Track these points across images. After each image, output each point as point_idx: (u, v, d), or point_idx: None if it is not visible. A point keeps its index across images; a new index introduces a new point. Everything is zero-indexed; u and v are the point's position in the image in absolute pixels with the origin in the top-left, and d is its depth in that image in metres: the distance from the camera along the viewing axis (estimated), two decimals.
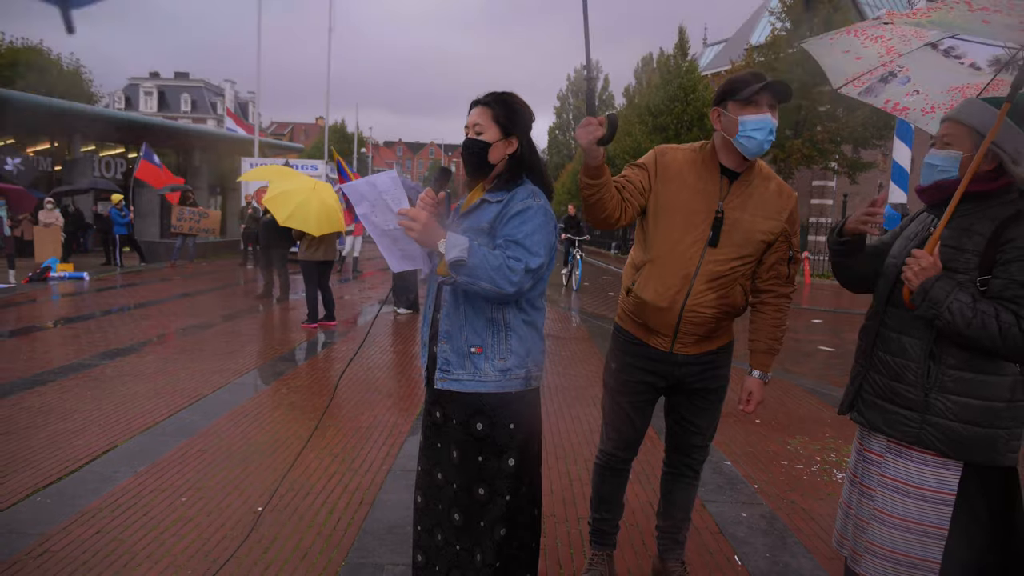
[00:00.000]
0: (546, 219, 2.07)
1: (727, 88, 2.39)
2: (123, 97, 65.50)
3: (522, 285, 1.99)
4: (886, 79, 2.60)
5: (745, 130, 2.33)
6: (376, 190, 2.12)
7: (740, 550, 3.29)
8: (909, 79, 2.58)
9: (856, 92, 2.68)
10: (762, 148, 2.35)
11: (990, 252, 1.96)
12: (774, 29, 23.04)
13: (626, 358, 2.67)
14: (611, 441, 2.77)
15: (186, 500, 3.62)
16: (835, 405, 6.00)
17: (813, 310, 13.93)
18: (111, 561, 2.97)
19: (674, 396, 2.72)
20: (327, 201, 8.51)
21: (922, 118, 2.65)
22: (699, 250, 2.44)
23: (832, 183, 30.05)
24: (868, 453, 2.17)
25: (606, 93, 52.33)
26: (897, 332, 2.09)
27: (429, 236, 2.00)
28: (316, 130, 67.56)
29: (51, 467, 3.99)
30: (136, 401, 5.40)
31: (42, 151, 21.97)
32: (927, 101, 2.62)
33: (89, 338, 7.95)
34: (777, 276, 2.56)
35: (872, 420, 2.13)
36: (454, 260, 1.94)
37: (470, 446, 2.13)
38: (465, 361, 2.10)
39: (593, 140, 2.09)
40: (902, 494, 2.04)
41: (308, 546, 3.18)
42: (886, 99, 2.65)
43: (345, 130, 54.66)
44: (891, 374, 2.09)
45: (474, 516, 2.13)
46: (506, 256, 1.98)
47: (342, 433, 4.82)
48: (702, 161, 2.48)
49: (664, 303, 2.48)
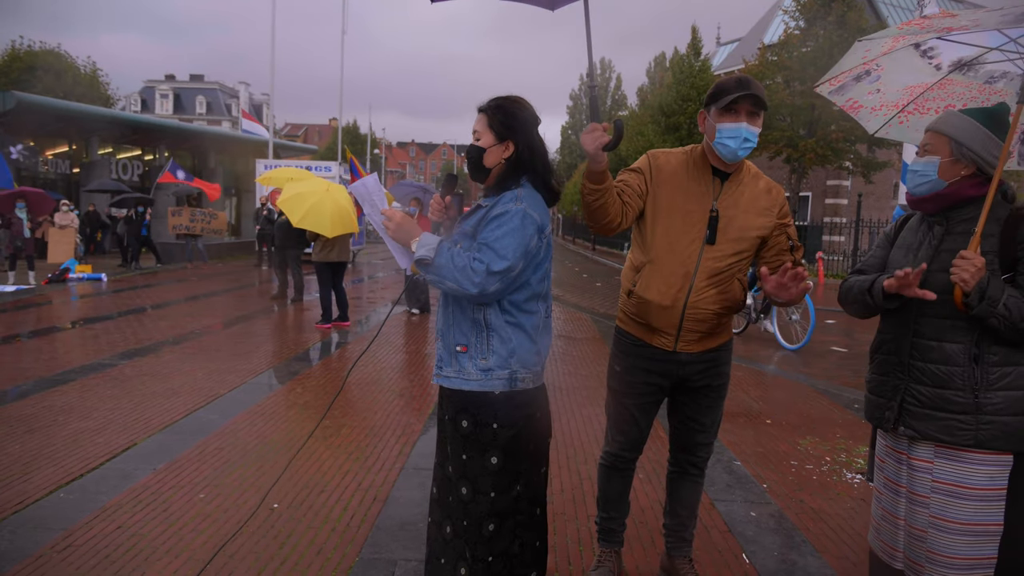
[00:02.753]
0: (522, 223, 2.07)
1: (712, 93, 2.49)
2: (139, 100, 66.19)
3: (485, 287, 2.02)
4: (860, 77, 2.64)
5: (720, 137, 2.44)
6: (368, 190, 2.25)
7: (748, 549, 3.32)
8: (879, 78, 2.62)
9: (828, 91, 2.72)
10: (736, 155, 2.45)
11: (1008, 250, 2.06)
12: (787, 28, 22.92)
13: (630, 360, 2.71)
14: (616, 443, 2.81)
15: (204, 496, 3.70)
16: (846, 406, 6.04)
17: (826, 310, 13.86)
18: (132, 555, 3.05)
19: (678, 396, 2.75)
20: (340, 202, 8.60)
21: (868, 115, 2.67)
22: (697, 248, 2.51)
23: (847, 182, 29.86)
24: (915, 461, 2.17)
25: (619, 92, 52.28)
26: (936, 340, 2.11)
27: (403, 234, 2.13)
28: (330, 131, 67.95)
29: (73, 464, 4.09)
30: (154, 400, 5.51)
31: (60, 153, 22.28)
32: (880, 99, 2.64)
33: (108, 338, 8.09)
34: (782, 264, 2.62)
35: (924, 431, 2.13)
36: (420, 258, 2.06)
37: (457, 443, 2.19)
38: (453, 359, 2.17)
39: (599, 146, 2.14)
40: (958, 497, 2.07)
41: (323, 542, 3.25)
42: (848, 97, 2.69)
43: (358, 131, 54.94)
44: (937, 382, 2.11)
45: (463, 512, 2.18)
46: (472, 258, 2.04)
47: (356, 431, 4.89)
48: (693, 163, 2.56)
49: (667, 301, 2.53)
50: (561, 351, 8.19)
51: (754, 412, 5.77)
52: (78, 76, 29.42)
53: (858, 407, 6.01)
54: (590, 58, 2.17)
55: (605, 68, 53.06)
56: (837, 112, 21.54)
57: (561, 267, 23.16)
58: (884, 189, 29.53)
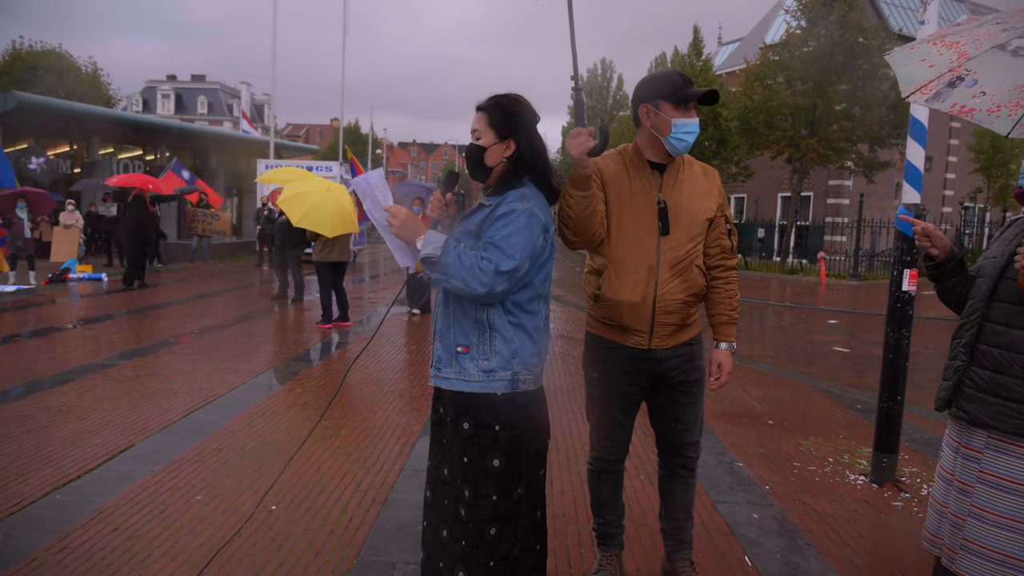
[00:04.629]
0: (528, 222, 2.05)
1: (659, 87, 2.52)
2: (141, 100, 66.26)
3: (492, 286, 2.00)
4: (954, 83, 2.64)
5: (678, 132, 2.49)
6: (370, 186, 2.18)
7: (750, 551, 3.29)
8: (976, 82, 2.60)
9: (923, 99, 2.71)
10: (688, 148, 2.55)
11: None
12: (789, 27, 22.88)
13: (606, 364, 2.71)
14: (603, 447, 2.80)
15: (201, 498, 3.68)
16: (849, 406, 6.01)
17: (828, 311, 13.84)
18: (128, 558, 3.02)
19: (657, 396, 2.75)
20: (341, 202, 8.58)
21: (987, 118, 2.67)
22: (654, 241, 2.56)
23: (848, 182, 29.80)
24: (967, 450, 2.17)
25: (620, 93, 52.14)
26: (1004, 325, 2.12)
27: (408, 232, 2.07)
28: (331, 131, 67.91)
29: (70, 465, 4.06)
30: (153, 400, 5.48)
31: (61, 153, 22.28)
32: (993, 101, 2.63)
33: (108, 338, 8.07)
34: (722, 250, 2.71)
35: (974, 414, 2.13)
36: (426, 256, 2.01)
37: (458, 445, 2.15)
38: (452, 360, 2.13)
39: (584, 151, 2.13)
40: (1002, 491, 2.05)
41: (321, 544, 3.22)
42: (952, 103, 2.68)
43: (360, 131, 54.93)
44: (996, 366, 2.11)
45: (466, 515, 2.15)
46: (480, 257, 2.00)
47: (355, 432, 4.87)
48: (630, 162, 2.62)
49: (637, 298, 2.55)
50: (561, 351, 8.16)
51: (756, 413, 5.73)
52: (80, 76, 29.43)
53: (861, 407, 5.98)
54: (574, 59, 2.15)
55: (606, 68, 52.92)
56: (839, 111, 21.56)
57: (562, 267, 23.14)
58: (886, 189, 29.47)
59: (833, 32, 20.70)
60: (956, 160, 33.81)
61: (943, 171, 34.09)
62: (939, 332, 9.76)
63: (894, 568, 3.19)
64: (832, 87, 21.02)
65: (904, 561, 3.26)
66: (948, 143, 33.99)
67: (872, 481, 4.22)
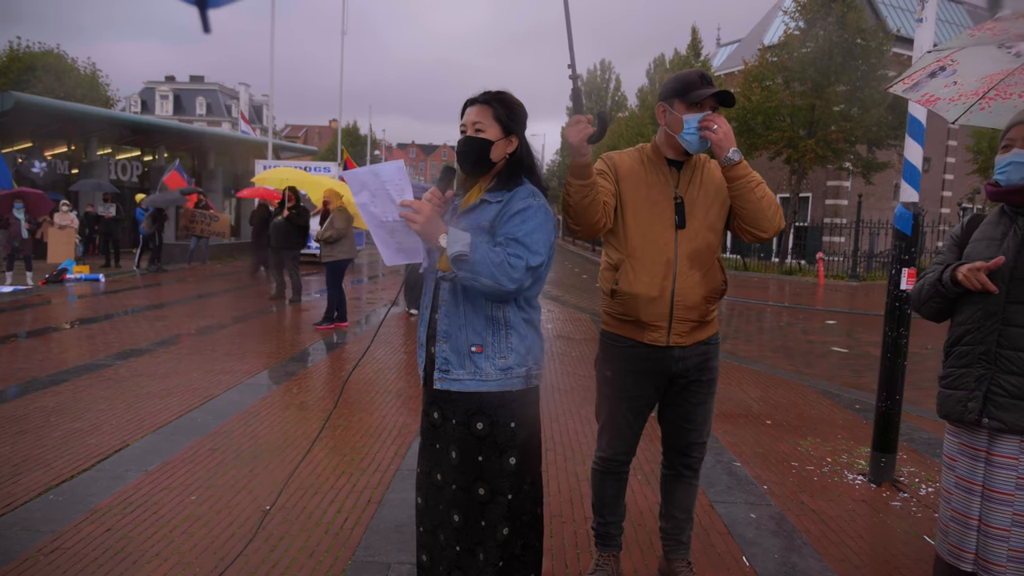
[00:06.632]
0: (546, 218, 2.07)
1: (675, 87, 2.52)
2: (139, 101, 66.23)
3: (522, 282, 1.99)
4: (935, 73, 2.64)
5: (690, 129, 2.48)
6: (379, 179, 2.07)
7: (748, 551, 3.27)
8: (955, 72, 2.61)
9: (903, 89, 2.70)
10: (705, 146, 2.52)
11: None
12: (788, 28, 22.89)
13: (621, 363, 2.67)
14: (611, 447, 2.77)
15: (195, 499, 3.65)
16: (847, 406, 5.99)
17: (827, 311, 13.83)
18: (121, 558, 3.00)
19: (667, 394, 2.72)
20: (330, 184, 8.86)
21: (946, 106, 2.67)
22: (672, 235, 2.55)
23: (847, 183, 29.82)
24: (997, 457, 2.11)
25: (619, 94, 52.20)
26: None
27: (431, 230, 1.99)
28: (330, 132, 67.99)
29: (64, 466, 4.04)
30: (148, 401, 5.45)
31: (59, 154, 22.24)
32: (957, 91, 2.63)
33: (104, 339, 8.04)
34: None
35: (1012, 422, 2.07)
36: (457, 255, 1.93)
37: (470, 446, 2.11)
38: (465, 360, 2.09)
39: (583, 138, 2.12)
40: None
41: (316, 544, 3.19)
42: (924, 92, 2.68)
43: (359, 132, 54.94)
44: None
45: (474, 516, 2.12)
46: (507, 253, 1.98)
47: (351, 433, 4.84)
48: (648, 159, 2.63)
49: (655, 292, 2.53)
50: (560, 351, 8.14)
51: (754, 413, 5.71)
52: (78, 77, 29.39)
53: (859, 407, 5.96)
54: (571, 47, 2.12)
55: (605, 69, 52.97)
56: (837, 112, 21.56)
57: (561, 268, 23.13)
58: (884, 190, 29.49)
59: (831, 33, 20.71)
60: (954, 161, 33.82)
61: (941, 172, 34.10)
62: (938, 332, 9.74)
63: (892, 568, 3.17)
64: (830, 88, 21.03)
65: (902, 561, 3.24)
66: (947, 144, 34.00)
67: (870, 481, 4.20)
